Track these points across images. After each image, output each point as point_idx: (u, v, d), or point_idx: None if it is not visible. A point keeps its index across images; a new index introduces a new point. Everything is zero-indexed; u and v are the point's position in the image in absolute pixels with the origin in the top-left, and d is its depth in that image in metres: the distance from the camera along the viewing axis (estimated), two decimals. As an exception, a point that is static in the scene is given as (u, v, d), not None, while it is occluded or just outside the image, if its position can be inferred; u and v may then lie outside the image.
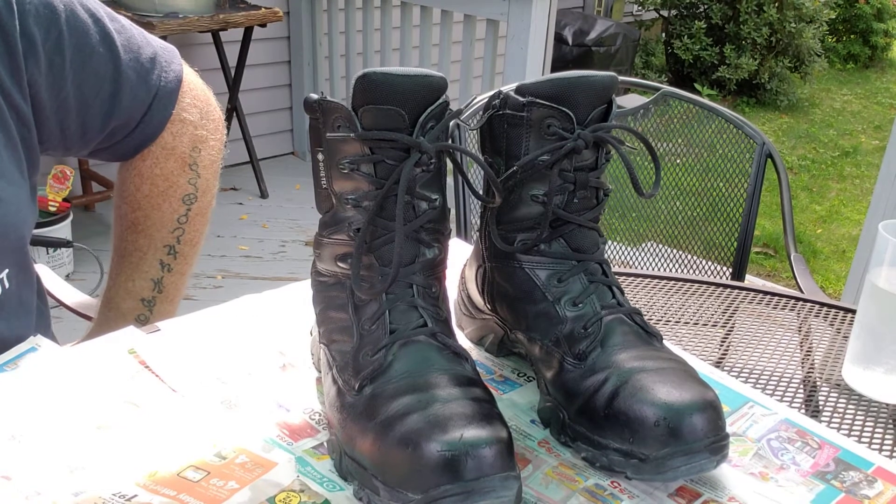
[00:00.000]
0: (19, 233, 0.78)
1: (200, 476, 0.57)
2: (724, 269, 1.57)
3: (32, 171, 0.81)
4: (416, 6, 3.02)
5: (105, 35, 0.84)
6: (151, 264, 0.95)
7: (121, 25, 0.87)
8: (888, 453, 0.70)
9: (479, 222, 0.74)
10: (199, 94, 0.95)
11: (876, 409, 0.77)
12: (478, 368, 0.62)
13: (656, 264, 1.66)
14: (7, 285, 0.78)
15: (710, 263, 1.60)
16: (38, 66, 0.77)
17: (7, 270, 0.78)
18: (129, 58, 0.86)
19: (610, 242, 1.66)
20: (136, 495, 0.54)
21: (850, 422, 0.75)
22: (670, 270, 1.64)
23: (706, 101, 1.59)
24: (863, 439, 0.72)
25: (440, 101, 0.60)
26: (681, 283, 1.01)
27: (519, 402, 0.70)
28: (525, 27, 2.57)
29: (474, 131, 1.44)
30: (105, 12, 0.85)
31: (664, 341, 0.67)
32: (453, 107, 0.61)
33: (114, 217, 0.97)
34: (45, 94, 0.79)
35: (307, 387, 0.70)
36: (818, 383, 0.82)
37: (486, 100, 0.69)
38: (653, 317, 0.92)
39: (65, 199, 2.64)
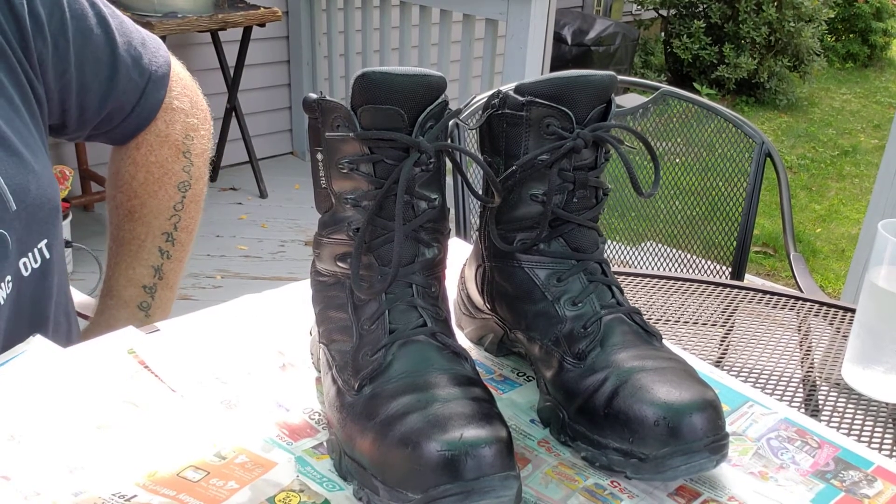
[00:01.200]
0: (53, 203, 0.80)
1: (200, 476, 0.57)
2: (724, 268, 1.57)
3: (45, 147, 0.83)
4: (414, 6, 3.02)
5: (101, 18, 0.86)
6: (151, 252, 0.96)
7: (112, 10, 0.89)
8: (888, 452, 0.70)
9: (478, 222, 0.74)
10: (187, 84, 0.97)
11: (875, 408, 0.77)
12: (477, 368, 0.62)
13: (656, 264, 1.66)
14: (47, 255, 0.80)
15: (709, 263, 1.60)
16: (46, 46, 0.79)
17: (45, 241, 0.80)
18: (124, 41, 0.88)
19: (609, 242, 1.66)
20: (135, 495, 0.54)
21: (849, 421, 0.75)
22: (670, 270, 1.64)
23: (705, 100, 1.59)
24: (862, 438, 0.72)
25: (439, 100, 0.60)
26: (680, 282, 1.01)
27: (518, 402, 0.70)
28: (524, 27, 2.57)
29: (473, 131, 1.44)
30: None
31: (664, 341, 0.67)
32: (452, 106, 0.61)
33: (109, 207, 0.99)
34: (51, 74, 0.81)
35: (307, 386, 0.70)
36: (818, 382, 0.82)
37: (485, 99, 0.69)
38: (652, 316, 0.92)
39: (64, 200, 2.64)
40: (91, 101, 0.87)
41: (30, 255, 0.78)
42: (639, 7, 5.78)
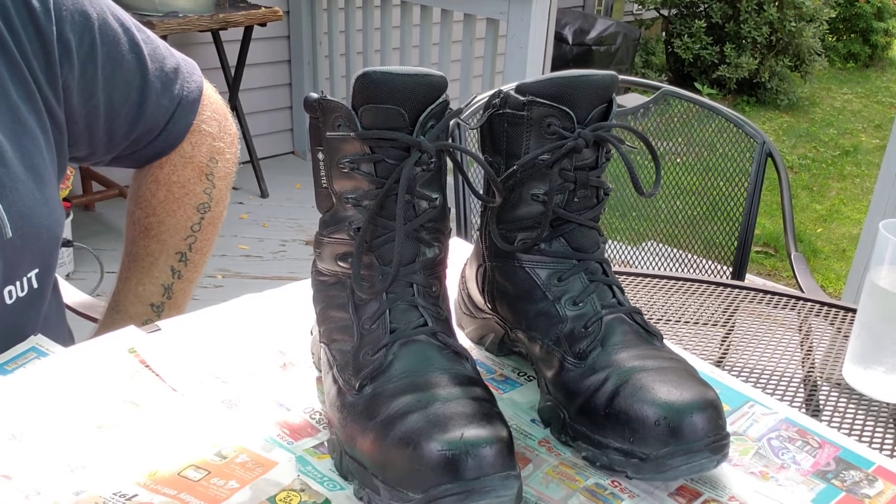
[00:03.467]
0: (53, 233, 0.79)
1: (201, 475, 0.57)
2: (725, 268, 1.57)
3: (61, 174, 0.82)
4: (416, 5, 3.02)
5: (134, 44, 0.85)
6: (163, 270, 0.96)
7: (147, 36, 0.89)
8: (889, 452, 0.70)
9: (479, 221, 0.74)
10: (218, 109, 0.98)
11: (876, 408, 0.77)
12: (478, 368, 0.62)
13: (656, 263, 1.66)
14: (35, 285, 0.79)
15: (710, 263, 1.60)
16: (73, 71, 0.79)
17: (36, 270, 0.79)
18: (155, 67, 0.88)
19: (610, 242, 1.66)
20: (136, 495, 0.54)
21: (850, 421, 0.75)
22: (670, 270, 1.64)
23: (706, 100, 1.59)
24: (863, 438, 0.72)
25: (440, 100, 0.60)
26: (681, 282, 1.01)
27: (519, 402, 0.70)
28: (525, 26, 2.57)
29: (474, 130, 1.44)
30: (133, 22, 0.87)
31: (664, 340, 0.67)
32: (453, 106, 0.61)
33: (126, 222, 0.98)
34: (77, 100, 0.81)
35: (307, 386, 0.70)
36: (819, 382, 0.82)
37: (486, 99, 0.68)
38: (653, 316, 0.92)
39: (65, 199, 2.64)
40: (120, 127, 0.87)
41: (17, 283, 0.77)
42: (640, 7, 5.78)
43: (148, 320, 0.95)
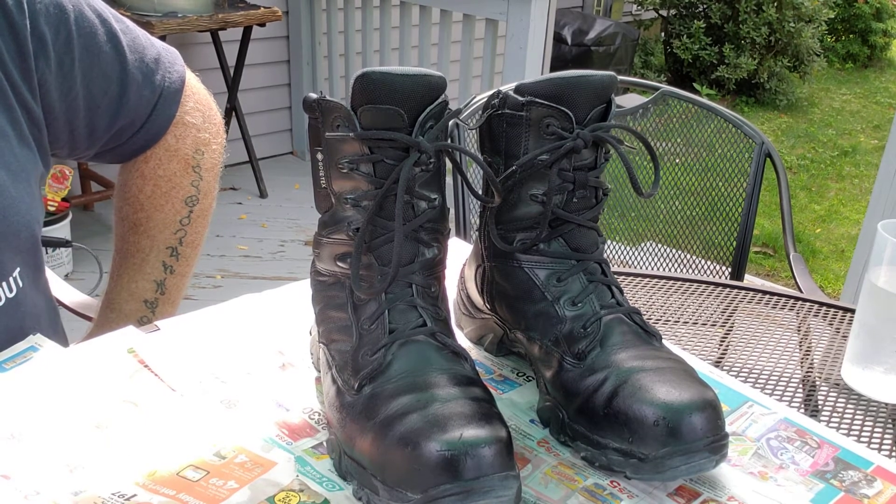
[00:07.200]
0: (30, 231, 0.78)
1: (200, 475, 0.57)
2: (724, 268, 1.57)
3: (45, 170, 0.81)
4: (415, 6, 3.02)
5: (112, 35, 0.84)
6: (154, 265, 0.95)
7: (125, 26, 0.87)
8: (887, 453, 0.70)
9: (478, 222, 0.74)
10: (201, 99, 0.96)
11: (875, 408, 0.77)
12: (477, 368, 0.62)
13: (655, 264, 1.66)
14: (21, 284, 0.78)
15: (709, 263, 1.60)
16: (49, 66, 0.78)
17: (19, 269, 0.78)
18: (135, 58, 0.86)
19: (609, 242, 1.66)
20: (135, 494, 0.54)
21: (849, 421, 0.75)
22: (669, 270, 1.64)
23: (705, 100, 1.59)
24: (862, 439, 0.72)
25: (439, 100, 0.60)
26: (680, 282, 1.01)
27: (518, 402, 0.70)
28: (524, 27, 2.57)
29: (473, 131, 1.44)
30: (111, 13, 0.86)
31: (663, 341, 0.67)
32: (452, 106, 0.61)
33: (115, 218, 0.97)
34: (55, 94, 0.80)
35: (306, 386, 0.70)
36: (817, 383, 0.82)
37: (485, 99, 0.69)
38: (652, 316, 0.92)
39: (64, 199, 2.63)
40: (100, 120, 0.86)
41: (4, 284, 0.76)
42: (639, 7, 5.78)
43: (143, 317, 0.95)
